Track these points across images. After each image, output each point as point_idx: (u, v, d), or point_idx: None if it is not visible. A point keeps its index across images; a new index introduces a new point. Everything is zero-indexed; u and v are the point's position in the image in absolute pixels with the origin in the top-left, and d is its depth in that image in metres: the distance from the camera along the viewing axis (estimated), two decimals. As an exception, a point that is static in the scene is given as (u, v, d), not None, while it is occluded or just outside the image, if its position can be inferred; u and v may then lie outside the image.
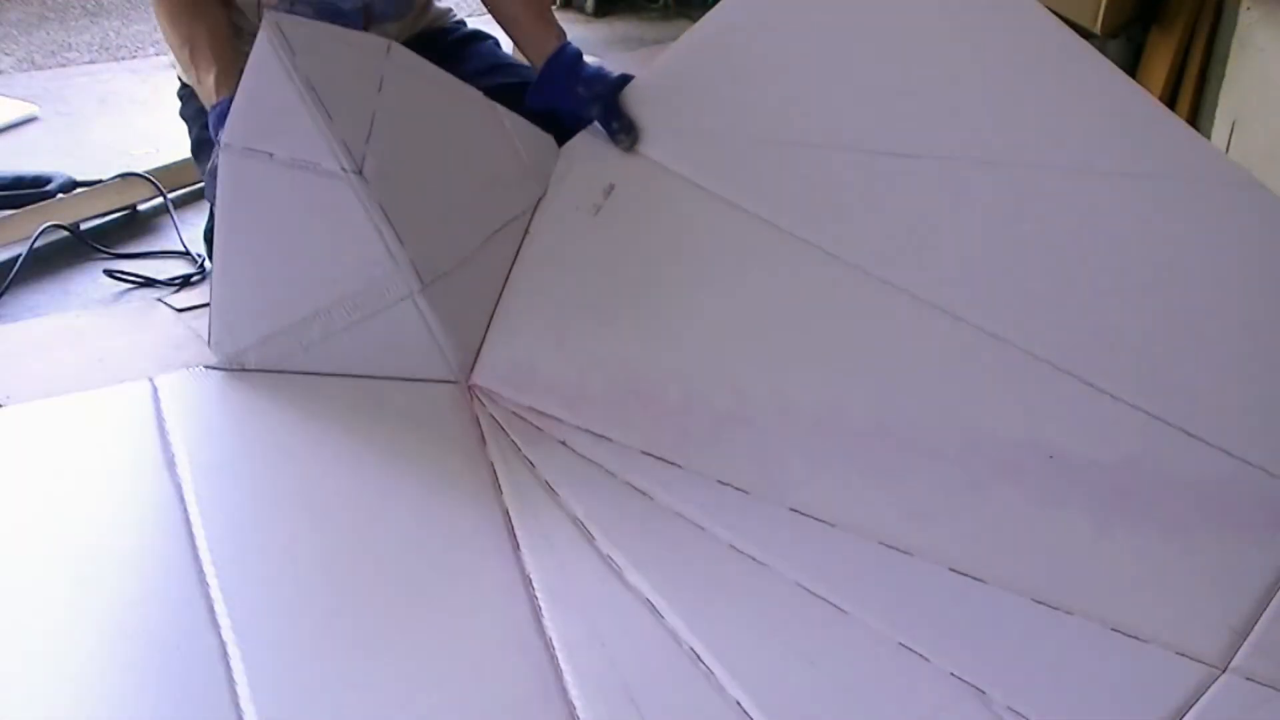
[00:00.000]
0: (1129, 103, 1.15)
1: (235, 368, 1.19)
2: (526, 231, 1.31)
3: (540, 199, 1.33)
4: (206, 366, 1.22)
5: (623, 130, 1.32)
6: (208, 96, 1.28)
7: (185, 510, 1.01)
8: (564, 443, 1.15)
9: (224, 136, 1.15)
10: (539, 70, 1.42)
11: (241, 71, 1.26)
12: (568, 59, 1.40)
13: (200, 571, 0.95)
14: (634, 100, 1.34)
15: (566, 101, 1.37)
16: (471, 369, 1.22)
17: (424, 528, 1.05)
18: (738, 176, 1.26)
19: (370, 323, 1.18)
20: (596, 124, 1.35)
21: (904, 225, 1.19)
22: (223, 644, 0.89)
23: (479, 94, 1.34)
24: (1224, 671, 0.95)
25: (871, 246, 1.19)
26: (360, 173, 1.15)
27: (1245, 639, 0.96)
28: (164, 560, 0.97)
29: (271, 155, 1.15)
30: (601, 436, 1.16)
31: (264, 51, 1.14)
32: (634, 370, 1.19)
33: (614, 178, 1.32)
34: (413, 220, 1.19)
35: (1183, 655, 0.96)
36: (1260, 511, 1.02)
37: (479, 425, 1.17)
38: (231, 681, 0.86)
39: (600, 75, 1.37)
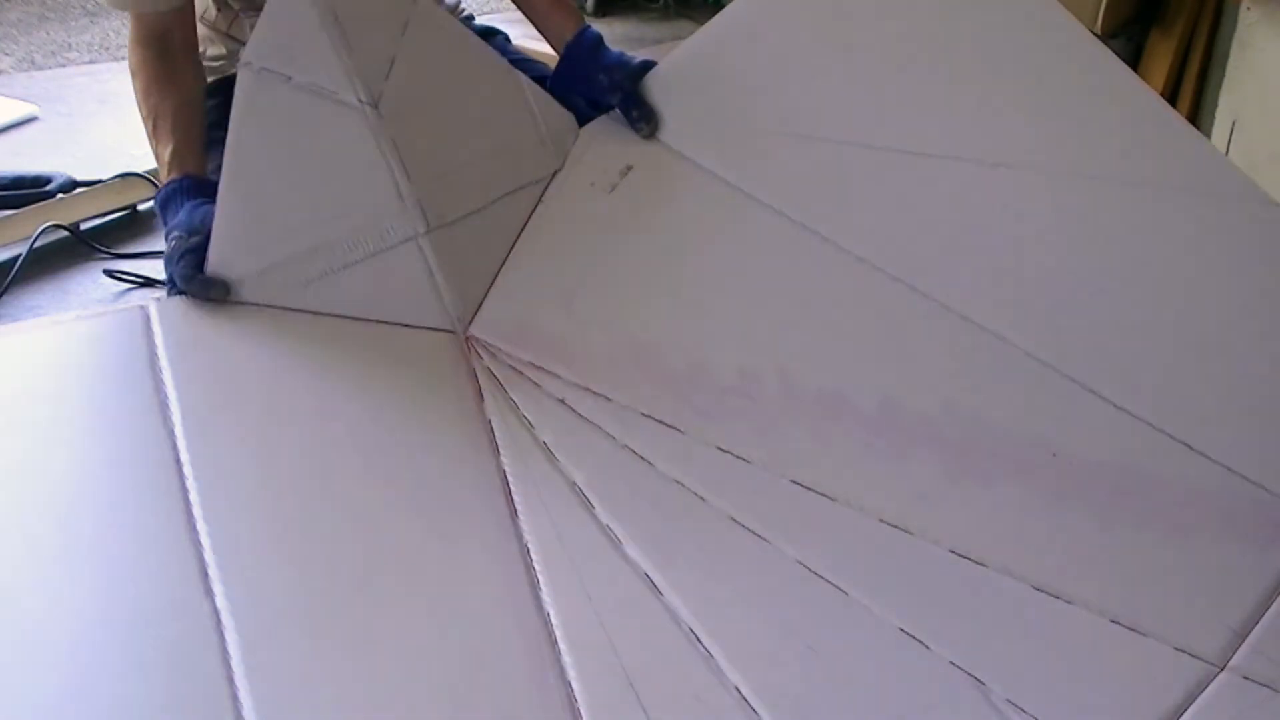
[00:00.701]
0: (1140, 107, 1.15)
1: (230, 299, 1.17)
2: (540, 200, 1.31)
3: (556, 172, 1.33)
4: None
5: (643, 118, 1.32)
6: (161, 171, 1.29)
7: (178, 461, 0.99)
8: (563, 401, 1.14)
9: (244, 54, 1.14)
10: (559, 56, 1.43)
11: (200, 150, 1.28)
12: (587, 45, 1.40)
13: (194, 532, 0.94)
14: (655, 88, 1.34)
15: (587, 88, 1.38)
16: (471, 321, 1.22)
17: (421, 487, 1.04)
18: (754, 168, 1.26)
19: (372, 262, 1.17)
20: (617, 110, 1.35)
21: (912, 223, 1.19)
22: (216, 611, 0.88)
23: (502, 60, 1.34)
24: (1222, 670, 0.94)
25: (881, 243, 1.19)
26: (376, 106, 1.15)
27: (1244, 639, 0.95)
28: (156, 517, 0.95)
29: (289, 79, 1.15)
30: (601, 396, 1.14)
31: None
32: (638, 335, 1.19)
33: (632, 160, 1.32)
34: (423, 162, 1.19)
35: (1182, 652, 0.95)
36: (1259, 526, 1.02)
37: (476, 379, 1.16)
38: (225, 654, 0.85)
39: (621, 62, 1.37)
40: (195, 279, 1.14)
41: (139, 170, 2.03)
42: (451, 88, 1.26)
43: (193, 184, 1.24)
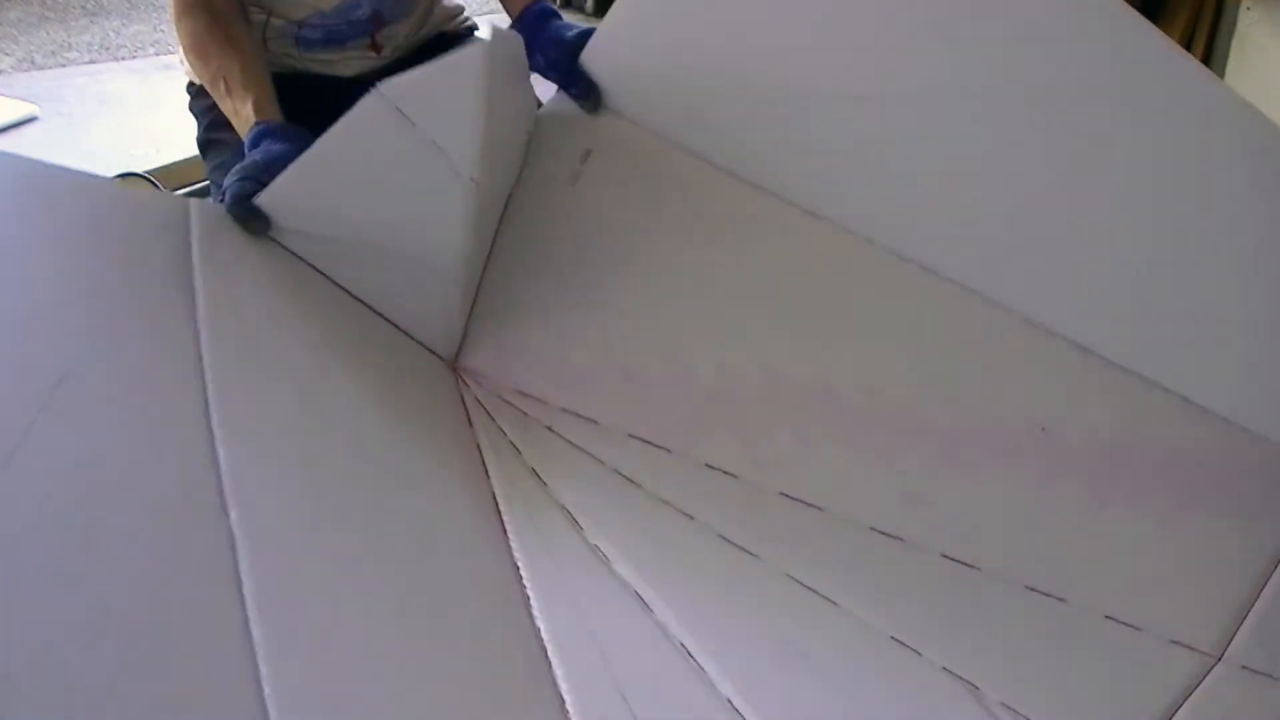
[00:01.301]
0: (1126, 29, 1.05)
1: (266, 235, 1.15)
2: (506, 207, 1.27)
3: (520, 172, 1.28)
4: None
5: (582, 95, 1.25)
6: (246, 123, 1.26)
7: (201, 362, 0.95)
8: (550, 428, 1.13)
9: (383, 86, 1.10)
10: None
11: (275, 99, 1.24)
12: (530, 19, 1.33)
13: (213, 446, 0.90)
14: (598, 57, 1.24)
15: (531, 66, 1.31)
16: (458, 350, 1.20)
17: (417, 500, 1.03)
18: (712, 132, 1.18)
19: (410, 278, 1.16)
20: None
21: (886, 179, 1.13)
22: (231, 533, 0.85)
23: (532, 94, 1.32)
24: (1219, 660, 0.94)
25: (855, 204, 1.12)
26: (476, 182, 1.15)
27: (1241, 625, 0.95)
28: (176, 411, 0.91)
29: (414, 126, 1.16)
30: (588, 419, 1.13)
31: (474, 52, 1.09)
32: (618, 347, 1.16)
33: (589, 142, 1.26)
34: (483, 221, 1.18)
35: (1178, 644, 0.95)
36: (1257, 481, 0.99)
37: (464, 406, 1.15)
38: (239, 578, 0.82)
39: (557, 38, 1.29)
40: (243, 203, 1.12)
41: (139, 170, 2.03)
42: (510, 142, 1.25)
43: (280, 130, 1.21)
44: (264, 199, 1.13)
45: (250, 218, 1.12)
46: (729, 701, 0.90)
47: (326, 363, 1.09)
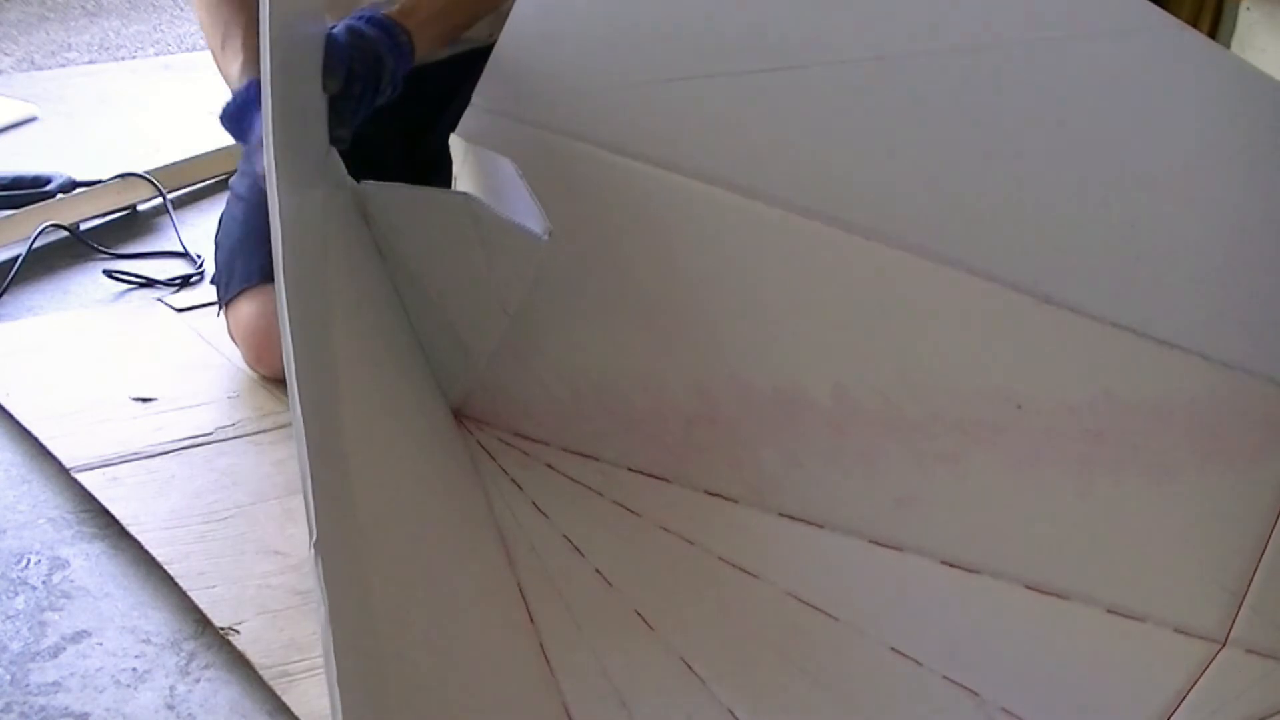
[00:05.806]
0: None
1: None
2: None
3: None
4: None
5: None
6: (231, 84, 1.25)
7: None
8: (550, 465, 1.13)
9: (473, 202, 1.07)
10: None
11: None
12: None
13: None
14: (505, 65, 1.11)
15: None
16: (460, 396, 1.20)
17: (425, 511, 1.01)
18: (644, 126, 1.09)
19: (443, 321, 1.17)
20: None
21: (825, 147, 1.05)
22: None
23: None
24: (1224, 646, 0.94)
25: (795, 180, 1.04)
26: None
27: (1242, 602, 0.94)
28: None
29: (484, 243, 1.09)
30: (586, 456, 1.14)
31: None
32: (595, 377, 1.13)
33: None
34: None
35: (1181, 632, 0.95)
36: (1248, 428, 0.96)
37: (466, 449, 1.16)
38: None
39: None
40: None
41: (139, 170, 2.03)
42: None
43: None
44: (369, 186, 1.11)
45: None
46: (730, 711, 0.90)
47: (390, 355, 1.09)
